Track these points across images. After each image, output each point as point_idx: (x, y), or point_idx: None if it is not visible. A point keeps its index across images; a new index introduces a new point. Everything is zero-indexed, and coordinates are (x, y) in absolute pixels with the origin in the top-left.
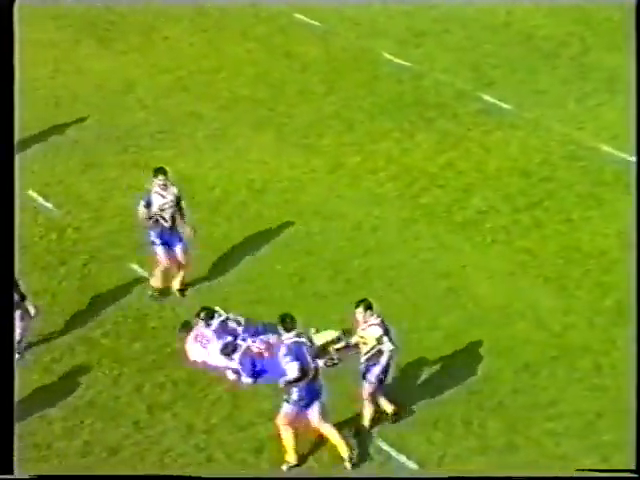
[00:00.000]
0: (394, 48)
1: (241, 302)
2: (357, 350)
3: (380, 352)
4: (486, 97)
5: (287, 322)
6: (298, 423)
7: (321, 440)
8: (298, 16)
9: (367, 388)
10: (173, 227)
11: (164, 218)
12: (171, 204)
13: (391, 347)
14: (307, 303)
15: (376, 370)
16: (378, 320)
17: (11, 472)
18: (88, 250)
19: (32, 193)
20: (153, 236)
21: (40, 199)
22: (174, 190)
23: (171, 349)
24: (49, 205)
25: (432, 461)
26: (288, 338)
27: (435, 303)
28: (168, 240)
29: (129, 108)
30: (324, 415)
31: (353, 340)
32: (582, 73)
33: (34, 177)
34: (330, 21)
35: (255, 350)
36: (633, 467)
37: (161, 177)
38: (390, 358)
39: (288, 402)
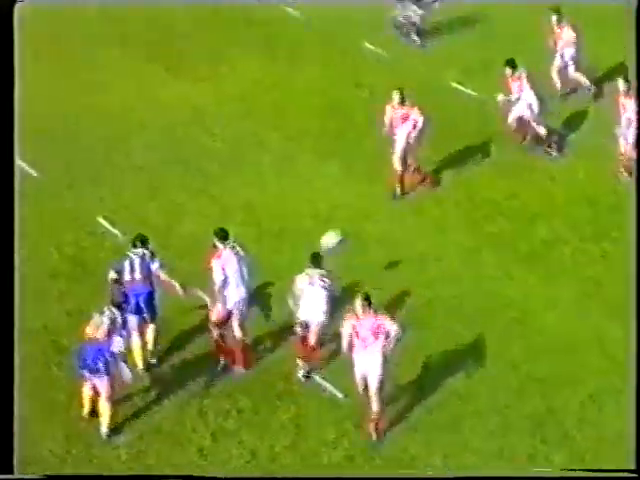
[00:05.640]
0: (460, 77)
1: None
2: None
3: None
4: (551, 125)
5: None
6: None
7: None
8: (367, 45)
9: None
10: None
11: None
12: None
13: None
14: None
15: None
16: None
17: (11, 472)
18: None
19: (100, 219)
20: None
21: (107, 225)
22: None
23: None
24: (116, 231)
25: None
26: None
27: (500, 333)
28: None
29: (196, 135)
30: None
31: None
32: None
33: (102, 204)
34: (396, 50)
35: None
36: (633, 467)
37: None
38: None
39: None
